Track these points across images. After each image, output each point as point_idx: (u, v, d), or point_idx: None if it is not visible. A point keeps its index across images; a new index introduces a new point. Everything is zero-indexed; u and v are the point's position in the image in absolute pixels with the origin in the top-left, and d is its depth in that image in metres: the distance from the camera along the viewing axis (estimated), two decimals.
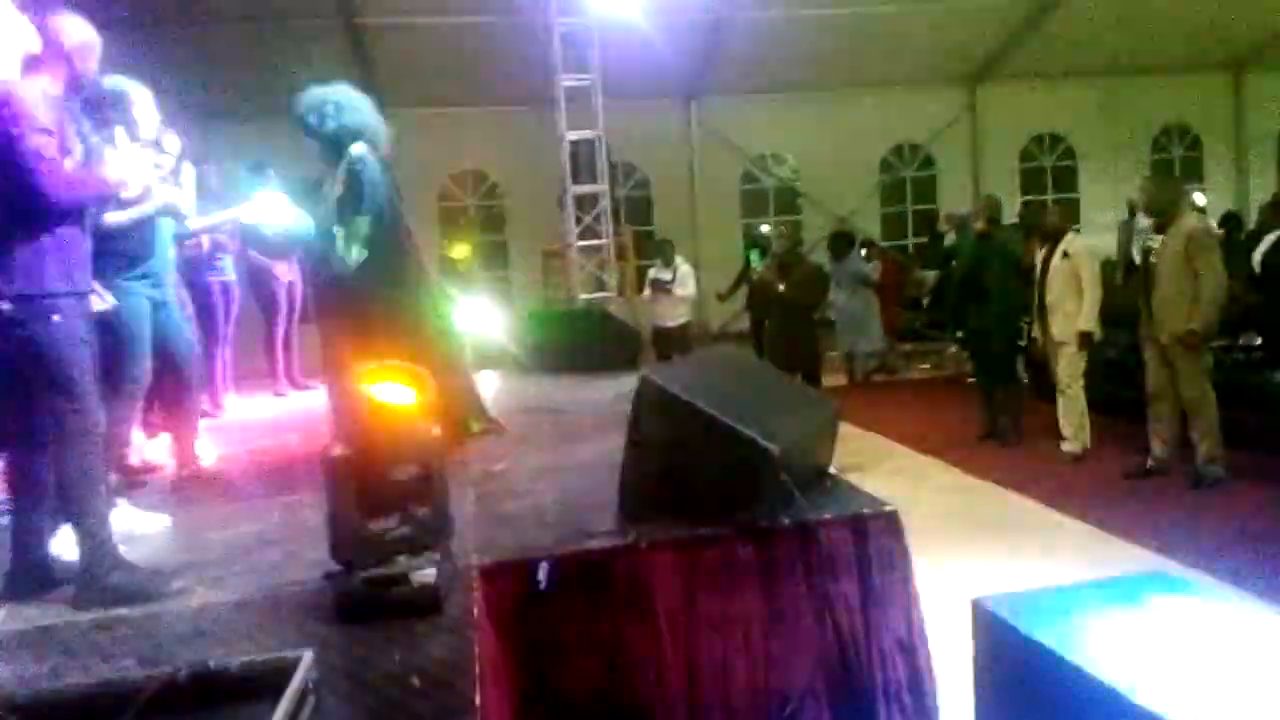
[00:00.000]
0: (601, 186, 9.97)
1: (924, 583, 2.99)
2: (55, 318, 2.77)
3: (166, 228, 4.20)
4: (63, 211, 2.82)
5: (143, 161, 3.41)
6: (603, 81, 9.70)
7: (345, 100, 4.29)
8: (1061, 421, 6.77)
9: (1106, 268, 6.58)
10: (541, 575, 2.72)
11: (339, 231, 4.16)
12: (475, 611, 2.48)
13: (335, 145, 4.22)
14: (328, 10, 10.48)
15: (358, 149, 4.19)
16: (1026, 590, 2.38)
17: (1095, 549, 4.89)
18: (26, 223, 2.76)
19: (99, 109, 3.68)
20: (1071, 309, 6.56)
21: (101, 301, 3.50)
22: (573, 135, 9.73)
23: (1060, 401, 6.78)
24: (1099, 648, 1.97)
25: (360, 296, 4.07)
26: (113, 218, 3.71)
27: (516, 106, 11.90)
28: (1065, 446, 6.73)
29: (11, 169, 2.71)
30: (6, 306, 2.74)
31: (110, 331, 3.52)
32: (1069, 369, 6.66)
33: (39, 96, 2.80)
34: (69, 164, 2.87)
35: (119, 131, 3.79)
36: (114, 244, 3.71)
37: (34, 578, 2.95)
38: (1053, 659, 1.99)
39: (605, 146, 9.93)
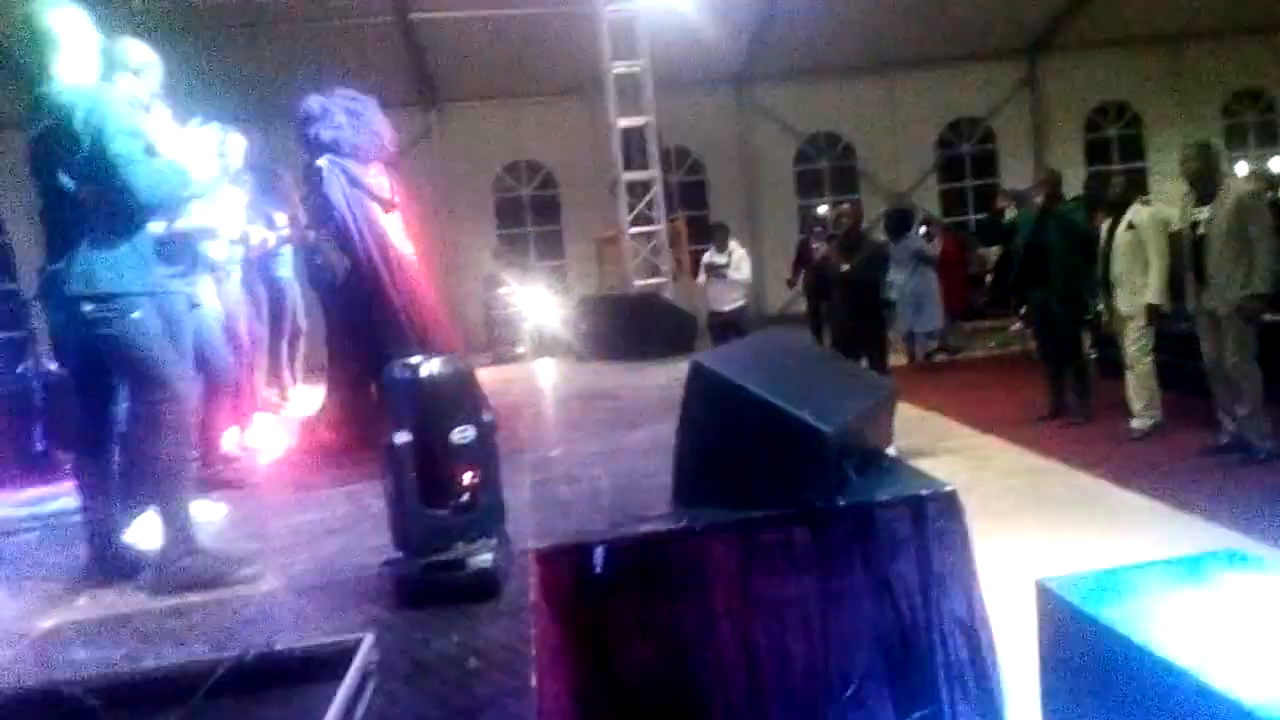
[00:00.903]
0: (654, 173, 9.95)
1: (986, 564, 2.94)
2: (136, 314, 2.86)
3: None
4: (152, 208, 2.92)
5: (205, 144, 3.49)
6: (652, 67, 9.67)
7: (321, 111, 4.38)
8: (1130, 398, 6.59)
9: (1175, 239, 6.36)
10: (597, 560, 2.73)
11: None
12: (532, 596, 2.50)
13: (308, 155, 4.41)
14: (383, 8, 10.61)
15: (321, 163, 4.29)
16: (1093, 570, 2.32)
17: (1165, 527, 4.75)
18: (109, 223, 2.85)
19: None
20: (1138, 282, 6.37)
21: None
22: (624, 122, 9.73)
23: (1128, 377, 6.59)
24: (1169, 628, 1.91)
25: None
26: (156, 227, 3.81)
27: (568, 96, 11.94)
28: (1134, 423, 6.55)
29: (101, 171, 2.79)
30: (89, 306, 2.83)
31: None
32: (1137, 344, 6.48)
33: (124, 99, 2.91)
34: (155, 162, 2.96)
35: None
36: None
37: (112, 566, 3.05)
38: (1121, 641, 1.93)
39: (657, 132, 9.91)
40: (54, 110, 2.81)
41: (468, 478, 2.55)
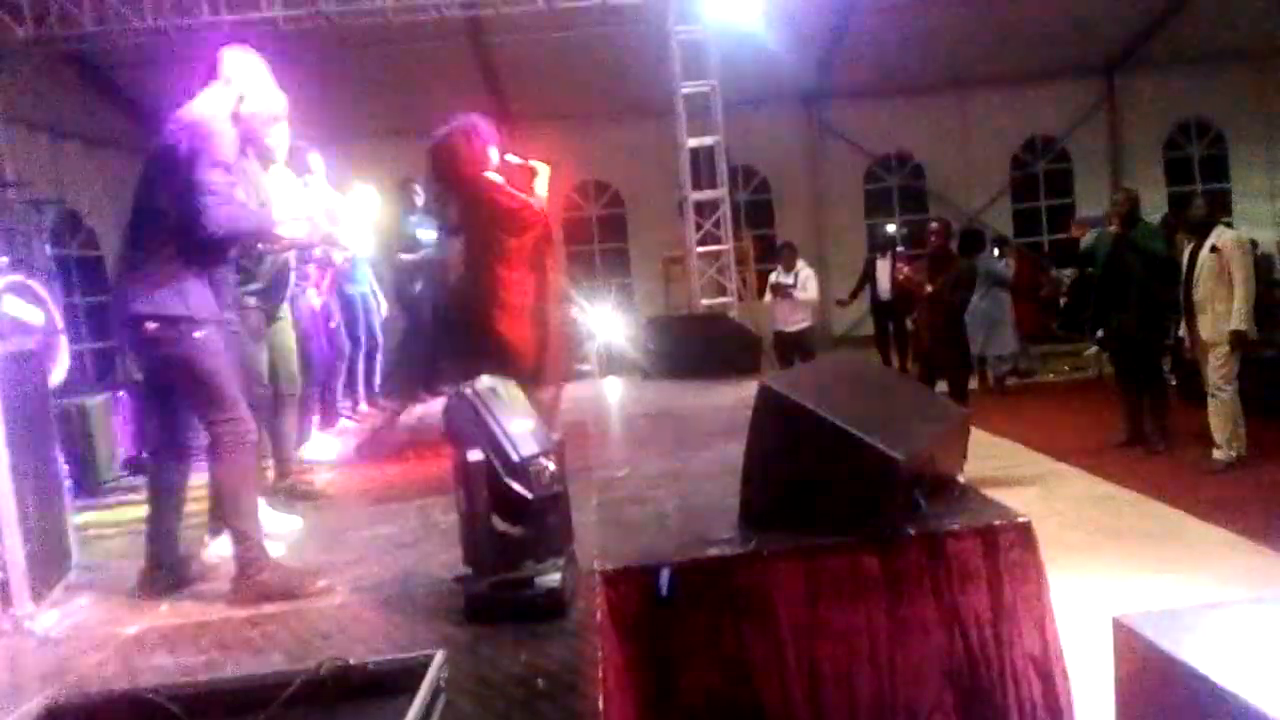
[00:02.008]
0: (721, 192, 9.95)
1: (1061, 598, 2.87)
2: (197, 335, 2.94)
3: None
4: (218, 242, 2.98)
5: (309, 203, 3.61)
6: (721, 87, 9.70)
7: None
8: (1212, 427, 6.37)
9: (1262, 263, 6.16)
10: (663, 582, 2.74)
11: None
12: (599, 616, 2.52)
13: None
14: (458, 31, 10.83)
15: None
16: (1175, 608, 2.25)
17: (1251, 564, 4.57)
18: (182, 246, 2.94)
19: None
20: (1221, 307, 6.17)
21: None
22: (693, 142, 9.74)
23: (1211, 405, 6.37)
24: (1256, 673, 1.84)
25: None
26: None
27: (636, 115, 12.02)
28: (1216, 454, 6.33)
29: (180, 195, 2.88)
30: (152, 326, 2.91)
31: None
32: (1220, 371, 6.26)
33: (223, 130, 2.96)
34: (240, 196, 3.05)
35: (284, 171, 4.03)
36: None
37: (166, 578, 3.13)
38: (1204, 683, 1.87)
39: (725, 152, 9.92)
40: (168, 133, 2.93)
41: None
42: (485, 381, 2.67)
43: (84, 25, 8.21)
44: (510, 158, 4.69)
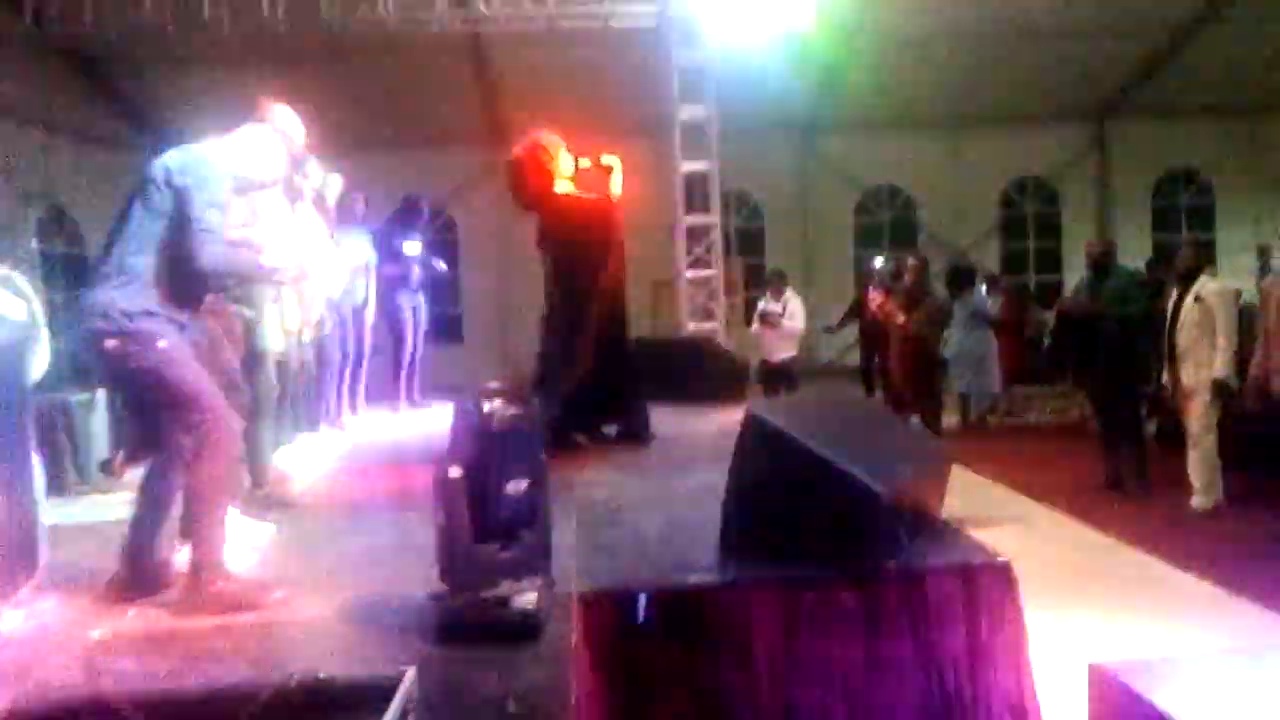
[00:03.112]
0: (713, 218, 10.00)
1: (1037, 641, 2.86)
2: (161, 344, 2.93)
3: None
4: (205, 276, 3.04)
5: (317, 246, 3.65)
6: (718, 113, 9.75)
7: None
8: (1191, 475, 6.41)
9: (1245, 313, 6.22)
10: (640, 608, 2.71)
11: None
12: (574, 640, 2.49)
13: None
14: (456, 45, 10.87)
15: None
16: (1150, 657, 2.25)
17: (1227, 614, 4.58)
18: (165, 271, 2.96)
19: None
20: (1204, 356, 6.22)
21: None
22: (687, 167, 9.80)
23: (1191, 454, 6.42)
24: None
25: None
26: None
27: (632, 138, 12.06)
28: (1195, 502, 6.36)
29: (175, 223, 2.94)
30: (112, 343, 2.91)
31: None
32: (1201, 420, 6.31)
33: (224, 174, 3.05)
34: (236, 234, 3.11)
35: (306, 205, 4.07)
36: None
37: (137, 582, 3.07)
38: None
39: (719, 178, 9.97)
40: (172, 164, 2.98)
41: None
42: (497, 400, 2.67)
43: (84, 21, 8.20)
44: (582, 161, 4.84)
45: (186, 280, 3.02)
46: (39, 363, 3.34)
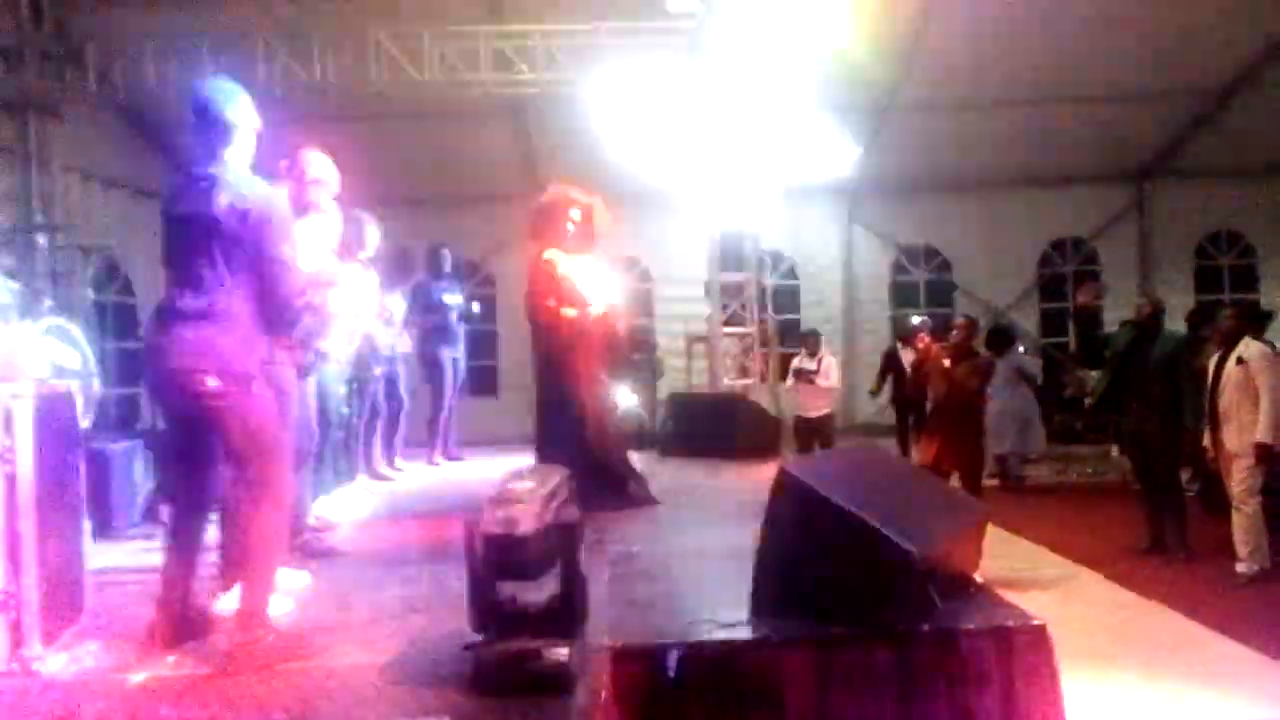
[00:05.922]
0: (749, 275, 10.07)
1: (1074, 706, 2.82)
2: (254, 389, 3.01)
3: None
4: (282, 309, 3.14)
5: (365, 294, 3.80)
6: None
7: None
8: (1236, 539, 6.27)
9: None
10: (671, 663, 2.72)
11: None
12: (604, 695, 2.50)
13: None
14: (502, 109, 11.14)
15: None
16: None
17: (1268, 681, 4.45)
18: (253, 307, 3.04)
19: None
20: (1246, 419, 6.12)
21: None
22: (724, 225, 9.90)
23: (1235, 518, 6.28)
24: None
25: None
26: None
27: (670, 196, 12.24)
28: (1240, 567, 6.21)
29: (260, 261, 3.02)
30: (213, 382, 2.95)
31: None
32: (1245, 483, 6.19)
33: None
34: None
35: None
36: None
37: (177, 629, 3.09)
38: None
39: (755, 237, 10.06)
40: (235, 197, 3.02)
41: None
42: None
43: (145, 83, 8.54)
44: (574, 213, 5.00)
45: (270, 317, 3.11)
46: (90, 409, 3.45)
